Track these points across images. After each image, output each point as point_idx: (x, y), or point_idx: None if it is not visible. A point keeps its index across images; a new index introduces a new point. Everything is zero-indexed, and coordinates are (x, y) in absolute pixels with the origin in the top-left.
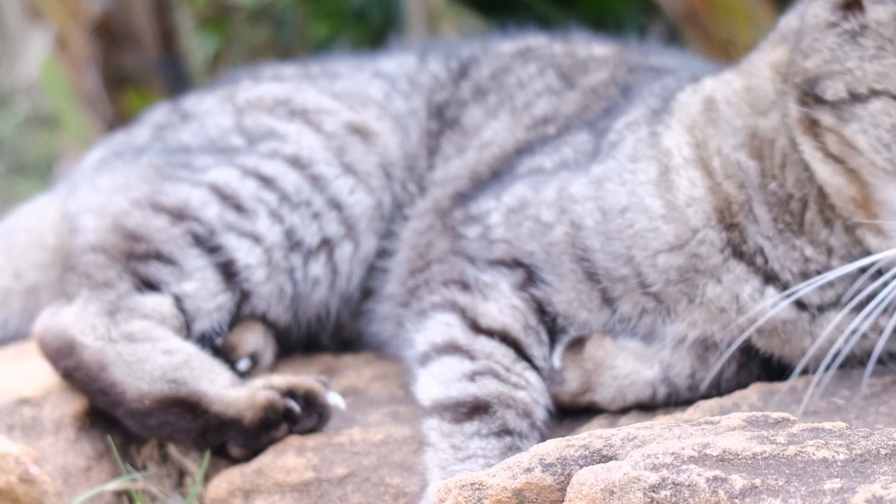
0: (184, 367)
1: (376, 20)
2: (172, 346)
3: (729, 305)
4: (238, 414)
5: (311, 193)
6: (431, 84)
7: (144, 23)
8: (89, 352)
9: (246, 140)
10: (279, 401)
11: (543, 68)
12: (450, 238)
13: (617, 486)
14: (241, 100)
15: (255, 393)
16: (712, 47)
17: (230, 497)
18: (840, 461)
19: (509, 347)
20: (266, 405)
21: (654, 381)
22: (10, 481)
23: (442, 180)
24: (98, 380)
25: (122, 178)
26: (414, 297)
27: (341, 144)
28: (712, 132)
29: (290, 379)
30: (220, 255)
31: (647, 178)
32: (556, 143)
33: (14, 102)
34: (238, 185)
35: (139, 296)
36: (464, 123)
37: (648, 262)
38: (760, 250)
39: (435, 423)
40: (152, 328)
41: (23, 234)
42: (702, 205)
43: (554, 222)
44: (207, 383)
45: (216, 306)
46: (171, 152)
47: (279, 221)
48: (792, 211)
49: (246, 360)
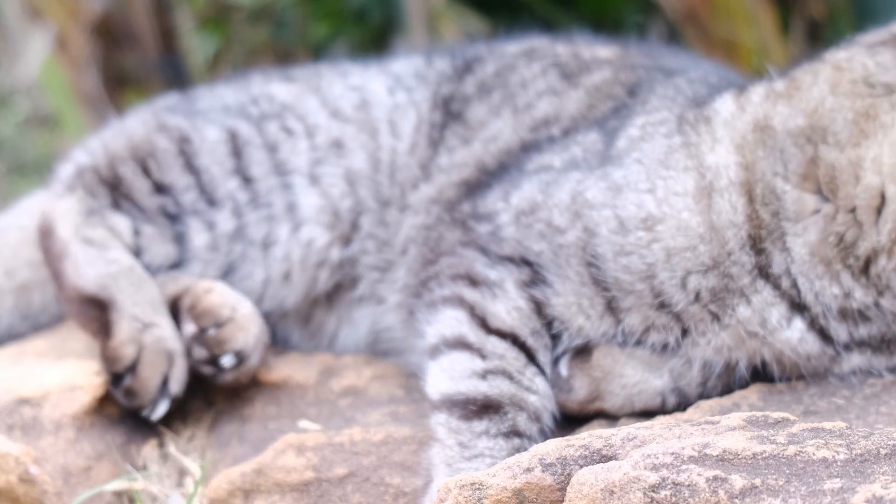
0: (117, 276)
1: (376, 20)
2: (116, 256)
3: (758, 329)
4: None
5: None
6: (437, 78)
7: (144, 23)
8: (59, 240)
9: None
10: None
11: (546, 68)
12: (459, 231)
13: (617, 485)
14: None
15: (144, 337)
16: (712, 47)
17: (230, 497)
18: (840, 461)
19: (520, 351)
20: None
21: (663, 391)
22: (10, 481)
23: (448, 166)
24: (56, 263)
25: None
26: (425, 289)
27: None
28: (762, 155)
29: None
30: (179, 227)
31: (684, 190)
32: (564, 141)
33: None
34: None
35: (111, 212)
36: (468, 118)
37: (674, 282)
38: (791, 280)
39: (443, 419)
40: (110, 238)
41: (15, 232)
42: (740, 231)
43: (567, 226)
44: (124, 297)
45: (162, 252)
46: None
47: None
48: (858, 256)
49: (230, 355)
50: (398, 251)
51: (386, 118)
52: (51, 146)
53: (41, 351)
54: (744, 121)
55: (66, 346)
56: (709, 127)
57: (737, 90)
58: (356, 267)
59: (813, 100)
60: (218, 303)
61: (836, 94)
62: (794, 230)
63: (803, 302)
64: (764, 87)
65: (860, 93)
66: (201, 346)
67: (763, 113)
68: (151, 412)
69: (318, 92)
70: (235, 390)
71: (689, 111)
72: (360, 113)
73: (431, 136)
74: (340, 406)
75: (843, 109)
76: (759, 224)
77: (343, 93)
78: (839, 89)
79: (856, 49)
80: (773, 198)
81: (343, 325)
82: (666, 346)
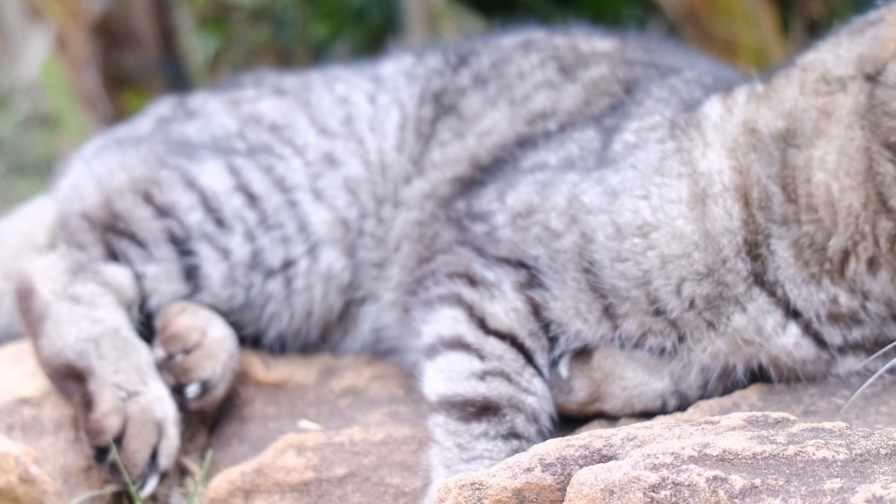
0: (99, 339)
1: (376, 20)
2: (102, 316)
3: (754, 337)
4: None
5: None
6: (427, 74)
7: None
8: (40, 300)
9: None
10: None
11: (545, 60)
12: (455, 229)
13: (617, 485)
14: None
15: (129, 407)
16: (712, 47)
17: (230, 497)
18: (840, 461)
19: (518, 352)
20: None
21: (664, 393)
22: (10, 481)
23: (441, 162)
24: (35, 326)
25: (121, 158)
26: (421, 287)
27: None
28: (754, 157)
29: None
30: (189, 258)
31: (678, 198)
32: (560, 138)
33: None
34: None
35: (104, 264)
36: (462, 110)
37: (669, 289)
38: (781, 284)
39: (441, 420)
40: (100, 296)
41: (14, 237)
42: (735, 237)
43: (564, 231)
44: (105, 364)
45: (171, 291)
46: (173, 142)
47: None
48: (831, 259)
49: (196, 385)
50: (391, 248)
51: (367, 126)
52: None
53: None
54: (733, 123)
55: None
56: (699, 131)
57: (724, 92)
58: (359, 274)
59: (788, 101)
60: (187, 326)
61: (804, 94)
62: (779, 233)
63: (796, 308)
64: (746, 89)
65: (820, 91)
66: (168, 372)
67: (749, 115)
68: (140, 489)
69: (308, 107)
70: (236, 391)
71: (680, 116)
72: (345, 128)
73: (420, 132)
74: (340, 406)
75: (809, 110)
76: (756, 229)
77: (330, 108)
78: (805, 89)
79: (823, 46)
80: (768, 201)
81: (349, 331)
82: (664, 350)
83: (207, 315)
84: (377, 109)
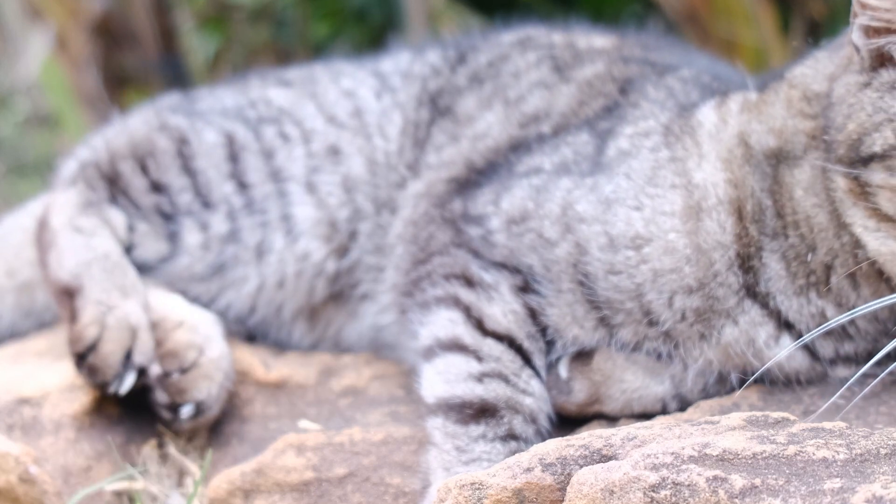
0: (91, 262)
1: (376, 20)
2: (97, 244)
3: (745, 350)
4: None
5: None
6: (425, 73)
7: (144, 23)
8: (51, 230)
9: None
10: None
11: (541, 59)
12: (451, 231)
13: (617, 485)
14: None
15: (107, 318)
16: (712, 47)
17: (230, 497)
18: (840, 461)
19: (516, 354)
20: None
21: (664, 397)
22: (10, 481)
23: (437, 164)
24: (44, 254)
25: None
26: (417, 289)
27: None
28: (749, 170)
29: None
30: (173, 226)
31: (672, 210)
32: (554, 141)
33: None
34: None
35: (108, 205)
36: (457, 112)
37: (661, 302)
38: (773, 296)
39: (439, 423)
40: (100, 228)
41: (17, 233)
42: (727, 251)
43: (558, 240)
44: (93, 284)
45: (155, 248)
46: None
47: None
48: (815, 272)
49: (190, 406)
50: (387, 251)
51: (376, 123)
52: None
53: (41, 350)
54: (728, 134)
55: (66, 345)
56: (694, 140)
57: (718, 99)
58: (355, 272)
59: (777, 119)
60: (185, 342)
61: (791, 114)
62: (771, 246)
63: (787, 320)
64: (740, 98)
65: (805, 112)
66: (163, 390)
67: (743, 128)
68: (118, 387)
69: (315, 98)
70: (236, 390)
71: (675, 121)
72: (354, 120)
73: (417, 136)
74: (340, 406)
75: (798, 134)
76: (749, 242)
77: (337, 99)
78: (792, 109)
79: (808, 61)
80: (762, 214)
81: (349, 321)
82: (661, 356)
83: (207, 331)
84: (383, 109)
